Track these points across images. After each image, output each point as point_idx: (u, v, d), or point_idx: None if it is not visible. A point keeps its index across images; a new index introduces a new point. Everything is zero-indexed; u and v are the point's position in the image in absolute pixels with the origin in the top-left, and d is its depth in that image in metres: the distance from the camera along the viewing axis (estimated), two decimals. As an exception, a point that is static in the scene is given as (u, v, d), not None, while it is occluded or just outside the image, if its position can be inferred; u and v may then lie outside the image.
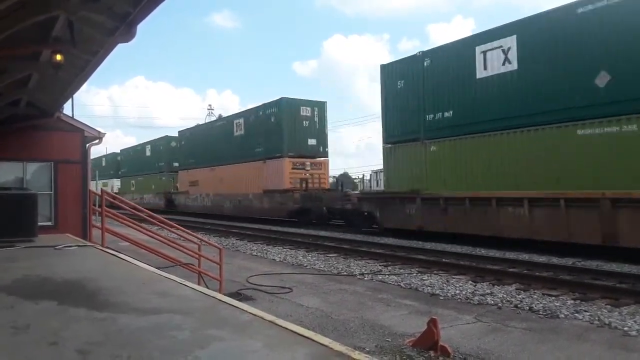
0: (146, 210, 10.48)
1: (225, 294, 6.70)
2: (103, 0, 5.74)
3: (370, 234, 18.38)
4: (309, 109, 26.54)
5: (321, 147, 26.93)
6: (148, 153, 43.53)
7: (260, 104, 28.24)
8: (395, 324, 6.46)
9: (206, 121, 53.94)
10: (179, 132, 37.44)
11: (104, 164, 54.64)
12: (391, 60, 19.98)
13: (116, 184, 51.06)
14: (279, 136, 25.76)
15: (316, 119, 26.63)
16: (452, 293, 8.34)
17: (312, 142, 26.35)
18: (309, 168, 25.80)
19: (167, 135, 40.86)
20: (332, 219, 23.75)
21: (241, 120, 29.65)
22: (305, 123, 26.27)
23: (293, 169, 25.20)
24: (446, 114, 16.27)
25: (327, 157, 27.50)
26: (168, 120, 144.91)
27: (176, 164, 38.29)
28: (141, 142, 50.30)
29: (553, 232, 12.86)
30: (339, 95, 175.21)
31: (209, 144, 32.84)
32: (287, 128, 25.57)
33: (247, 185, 27.80)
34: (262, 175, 26.67)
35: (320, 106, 27.08)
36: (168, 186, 39.43)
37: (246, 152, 28.29)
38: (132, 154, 47.89)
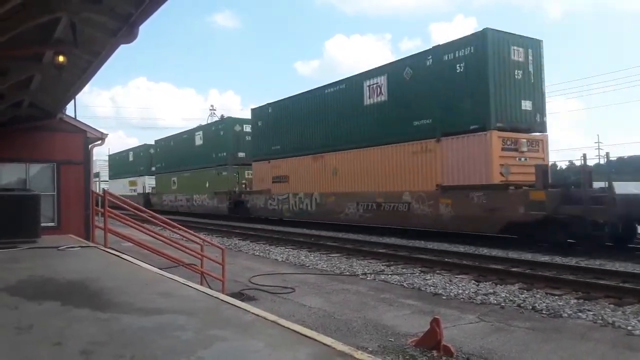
0: (148, 211, 10.50)
1: (227, 294, 6.72)
2: (105, 1, 5.76)
3: (372, 234, 18.33)
4: (521, 50, 15.82)
5: (538, 116, 16.22)
6: (199, 142, 33.40)
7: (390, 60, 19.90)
8: (398, 324, 6.45)
9: (208, 121, 52.64)
10: (252, 109, 27.68)
11: (131, 158, 46.16)
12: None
13: (148, 182, 41.73)
14: (478, 95, 15.19)
15: (531, 68, 15.98)
16: (455, 293, 8.32)
17: (526, 105, 15.82)
18: (525, 149, 15.46)
19: (229, 117, 32.00)
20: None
21: (381, 80, 18.73)
22: (517, 74, 15.67)
23: (503, 150, 15.09)
24: None
25: (546, 131, 16.68)
26: (171, 121, 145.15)
27: (242, 154, 29.31)
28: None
29: None
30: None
31: (310, 121, 22.63)
32: (494, 80, 15.11)
33: (396, 179, 17.86)
34: (436, 163, 16.38)
35: (536, 48, 16.24)
36: (231, 184, 29.05)
37: (392, 128, 18.05)
38: (174, 145, 37.56)
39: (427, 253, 13.04)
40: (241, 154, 29.62)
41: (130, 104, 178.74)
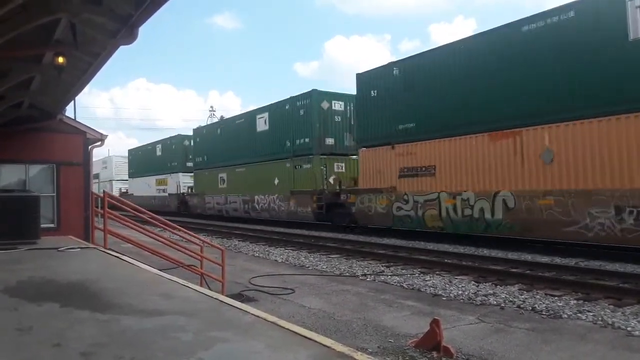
0: (148, 212, 10.49)
1: (227, 295, 6.72)
2: (105, 2, 5.78)
3: (373, 235, 18.33)
4: None
5: None
6: (263, 126, 25.58)
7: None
8: (397, 325, 6.45)
9: (208, 122, 51.26)
10: (358, 75, 19.25)
11: (159, 152, 38.50)
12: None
13: (183, 180, 34.90)
14: None
15: None
16: (455, 294, 8.33)
17: None
18: None
19: (315, 90, 22.46)
20: None
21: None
22: None
23: None
24: None
25: None
26: (170, 122, 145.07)
27: (330, 141, 22.14)
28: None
29: None
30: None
31: (485, 80, 14.34)
32: None
33: None
34: None
35: None
36: (318, 180, 21.57)
37: None
38: (223, 133, 29.70)
39: (427, 254, 13.04)
40: (329, 140, 22.20)
41: (130, 105, 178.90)
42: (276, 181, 24.27)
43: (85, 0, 5.75)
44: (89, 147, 12.60)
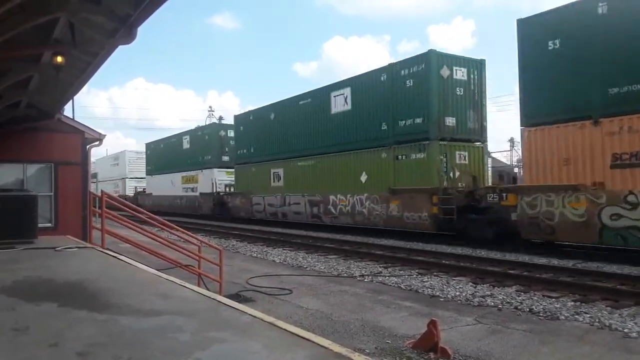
0: (146, 212, 10.48)
1: (225, 296, 6.72)
2: (104, 2, 5.77)
3: (370, 235, 18.34)
4: None
5: None
6: (341, 106, 20.35)
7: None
8: (395, 326, 6.46)
9: (207, 123, 50.28)
10: (520, 21, 13.36)
11: (186, 145, 33.25)
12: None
13: (219, 177, 29.79)
14: None
15: None
16: (452, 295, 8.34)
17: None
18: None
19: (432, 50, 17.07)
20: None
21: None
22: None
23: None
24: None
25: None
26: (168, 121, 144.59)
27: (451, 121, 16.80)
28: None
29: None
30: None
31: None
32: None
33: None
34: None
35: None
36: (437, 174, 16.02)
37: None
38: (277, 119, 24.38)
39: (424, 255, 13.05)
40: (449, 121, 16.74)
41: (128, 104, 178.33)
42: (364, 177, 18.91)
43: (84, 0, 5.75)
44: (87, 146, 12.57)
